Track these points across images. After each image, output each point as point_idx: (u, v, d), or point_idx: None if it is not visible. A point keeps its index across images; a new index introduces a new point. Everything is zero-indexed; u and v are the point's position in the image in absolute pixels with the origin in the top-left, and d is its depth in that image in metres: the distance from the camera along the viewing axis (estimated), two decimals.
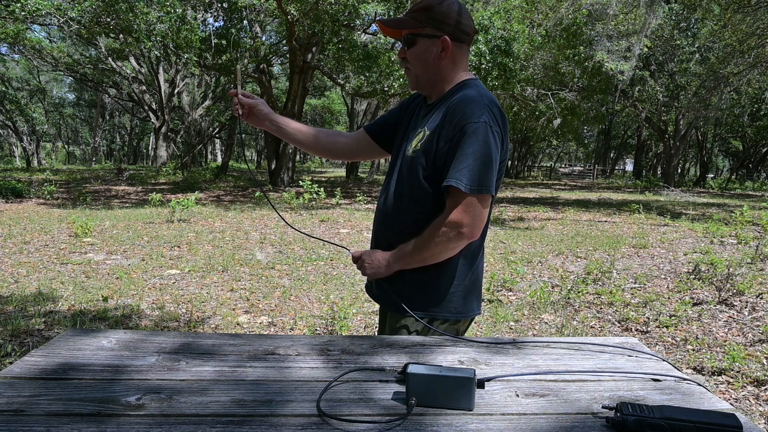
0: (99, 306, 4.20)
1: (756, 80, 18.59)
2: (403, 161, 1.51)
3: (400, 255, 1.47)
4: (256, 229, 8.40)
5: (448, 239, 1.39)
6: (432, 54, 1.45)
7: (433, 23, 1.43)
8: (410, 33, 1.45)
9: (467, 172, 1.33)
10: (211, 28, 14.75)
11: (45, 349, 1.18)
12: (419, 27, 1.44)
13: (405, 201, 1.50)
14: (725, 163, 44.72)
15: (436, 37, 1.43)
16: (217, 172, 22.33)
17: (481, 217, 1.38)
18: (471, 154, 1.33)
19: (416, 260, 1.45)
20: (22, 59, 28.42)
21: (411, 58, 1.47)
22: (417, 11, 1.44)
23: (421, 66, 1.47)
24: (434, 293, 1.48)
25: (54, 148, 42.99)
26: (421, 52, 1.45)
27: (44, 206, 10.64)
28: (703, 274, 5.31)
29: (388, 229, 1.55)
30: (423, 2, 1.45)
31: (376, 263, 1.51)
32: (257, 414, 0.92)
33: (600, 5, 17.41)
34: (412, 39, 1.45)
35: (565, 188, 22.79)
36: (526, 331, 3.94)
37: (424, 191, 1.45)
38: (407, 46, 1.47)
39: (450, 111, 1.39)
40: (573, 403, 1.00)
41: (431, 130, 1.43)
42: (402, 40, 1.49)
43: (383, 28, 1.51)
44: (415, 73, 1.49)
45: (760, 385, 2.96)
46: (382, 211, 1.57)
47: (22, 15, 10.37)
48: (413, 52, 1.46)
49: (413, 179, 1.46)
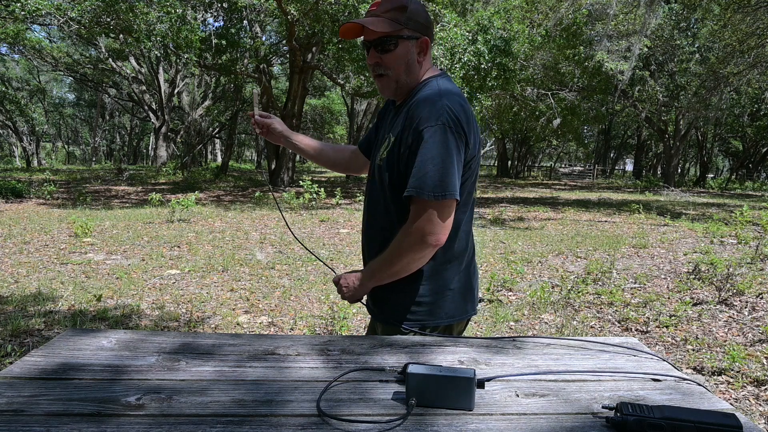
0: (99, 306, 4.20)
1: (756, 80, 18.59)
2: (374, 169, 1.48)
3: (370, 272, 1.45)
4: (256, 229, 8.40)
5: (413, 249, 1.33)
6: (413, 56, 1.38)
7: (412, 24, 1.35)
8: (390, 35, 1.34)
9: (427, 179, 1.27)
10: (211, 28, 14.75)
11: (45, 349, 1.18)
12: (399, 28, 1.34)
13: (379, 208, 1.47)
14: (725, 163, 44.73)
15: (415, 39, 1.36)
16: (217, 172, 22.33)
17: (445, 224, 1.32)
18: (429, 160, 1.27)
19: (387, 275, 1.41)
20: (22, 59, 28.43)
21: (391, 63, 1.36)
22: (393, 11, 1.33)
23: (404, 70, 1.38)
24: (424, 302, 1.43)
25: (54, 148, 42.99)
26: (403, 54, 1.36)
27: (44, 206, 10.64)
28: (703, 274, 5.31)
29: (369, 238, 1.54)
30: (393, 2, 1.35)
31: (351, 285, 1.50)
32: (257, 414, 0.92)
33: (600, 5, 17.41)
34: (394, 41, 1.34)
35: (565, 188, 22.79)
36: (526, 331, 3.94)
37: (393, 199, 1.41)
38: (384, 51, 1.35)
39: (409, 116, 1.34)
40: (573, 403, 1.00)
41: (395, 137, 1.38)
42: (376, 42, 1.36)
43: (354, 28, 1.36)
44: (396, 78, 1.39)
45: (760, 385, 2.96)
46: (364, 219, 1.57)
47: (22, 15, 10.37)
48: (394, 56, 1.36)
49: (383, 188, 1.43)
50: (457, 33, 10.89)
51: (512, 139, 34.41)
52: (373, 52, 1.37)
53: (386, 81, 1.40)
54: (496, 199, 16.10)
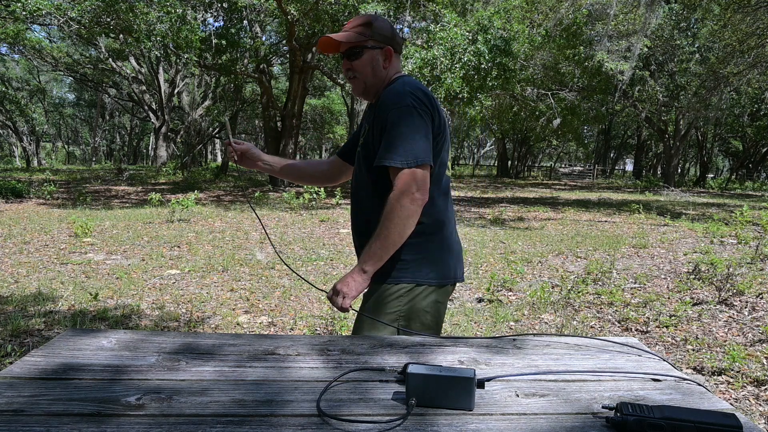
0: (99, 306, 4.20)
1: (756, 80, 18.59)
2: (357, 159, 1.70)
3: (368, 256, 1.53)
4: (256, 229, 8.40)
5: (402, 213, 1.48)
6: (379, 62, 1.63)
7: (377, 36, 1.61)
8: (357, 45, 1.60)
9: (400, 150, 1.47)
10: (211, 28, 14.75)
11: (45, 349, 1.18)
12: (365, 39, 1.60)
13: (363, 194, 1.66)
14: (725, 163, 44.73)
15: (380, 48, 1.62)
16: (217, 172, 22.33)
17: (425, 181, 1.49)
18: (399, 135, 1.48)
19: (386, 249, 1.51)
20: (22, 59, 28.42)
21: (359, 68, 1.62)
22: (360, 26, 1.61)
23: (371, 73, 1.63)
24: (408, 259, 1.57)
25: (54, 148, 42.99)
26: (369, 60, 1.62)
27: (44, 206, 10.64)
28: (703, 274, 5.31)
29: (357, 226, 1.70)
30: (362, 19, 1.63)
31: (353, 283, 1.55)
32: (257, 414, 0.92)
33: (600, 5, 17.41)
34: (359, 51, 1.60)
35: (565, 188, 22.79)
36: (526, 332, 3.94)
37: (371, 181, 1.61)
38: (353, 58, 1.61)
39: (379, 105, 1.56)
40: (573, 403, 1.00)
41: (369, 125, 1.62)
42: (346, 52, 1.63)
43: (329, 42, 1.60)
44: (363, 80, 1.63)
45: (760, 385, 2.96)
46: (352, 213, 1.74)
47: (23, 15, 10.37)
48: (362, 62, 1.61)
49: (363, 171, 1.64)
50: (457, 33, 10.89)
51: (512, 139, 34.41)
52: (346, 60, 1.64)
53: (357, 82, 1.65)
54: (496, 199, 16.10)
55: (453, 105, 12.82)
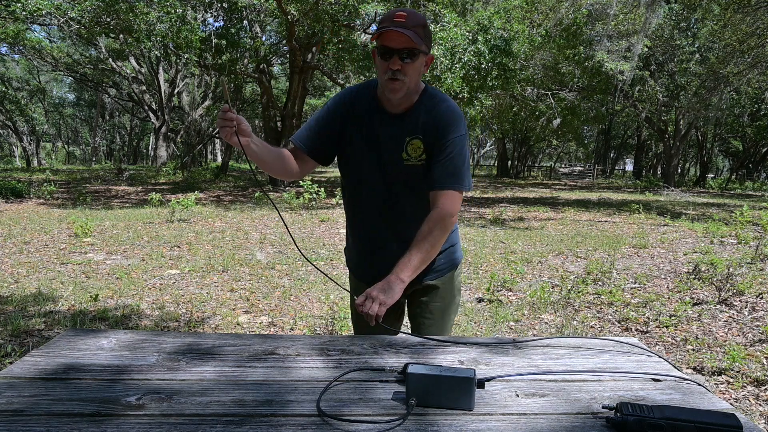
0: (99, 306, 4.20)
1: (756, 80, 18.58)
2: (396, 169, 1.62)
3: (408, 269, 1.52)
4: (256, 229, 8.40)
5: (446, 233, 1.58)
6: (421, 69, 1.56)
7: (427, 41, 1.53)
8: (416, 48, 1.49)
9: (462, 175, 1.58)
10: (211, 28, 14.75)
11: (45, 349, 1.18)
12: (421, 43, 1.49)
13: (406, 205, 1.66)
14: (725, 163, 44.72)
15: (425, 54, 1.54)
16: (217, 172, 22.33)
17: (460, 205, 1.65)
18: (463, 162, 1.58)
19: (426, 263, 1.57)
20: (22, 59, 28.41)
21: (409, 71, 1.51)
22: (418, 27, 1.49)
23: (416, 79, 1.55)
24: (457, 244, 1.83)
25: (54, 148, 42.98)
26: (419, 66, 1.53)
27: (44, 206, 10.64)
28: (703, 274, 5.31)
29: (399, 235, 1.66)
30: (419, 19, 1.50)
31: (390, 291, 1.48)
32: (257, 414, 0.92)
33: (600, 5, 17.41)
34: (417, 53, 1.50)
35: (565, 188, 22.80)
36: (526, 331, 3.94)
37: (421, 192, 1.61)
38: (408, 60, 1.50)
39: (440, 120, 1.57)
40: (573, 403, 1.00)
41: (425, 137, 1.58)
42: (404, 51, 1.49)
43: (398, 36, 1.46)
44: (408, 84, 1.53)
45: (760, 385, 2.96)
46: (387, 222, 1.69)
47: (23, 15, 10.37)
48: (414, 66, 1.51)
49: (417, 184, 1.61)
50: (457, 33, 10.89)
51: (512, 139, 34.39)
52: (397, 60, 1.49)
53: (401, 85, 1.52)
54: (496, 199, 16.10)
55: None
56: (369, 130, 1.63)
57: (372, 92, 1.65)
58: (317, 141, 1.67)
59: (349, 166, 1.71)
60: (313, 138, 1.67)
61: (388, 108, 1.61)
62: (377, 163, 1.64)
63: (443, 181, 1.56)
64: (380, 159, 1.63)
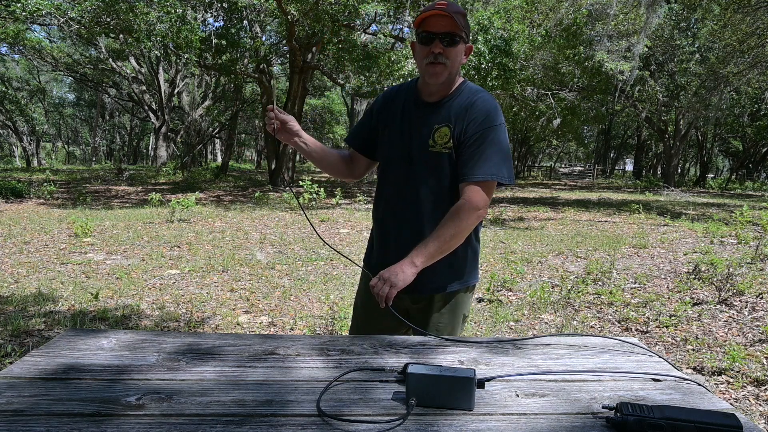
0: (99, 306, 4.20)
1: (756, 80, 18.58)
2: (421, 155, 1.62)
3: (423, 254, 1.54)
4: (256, 229, 8.40)
5: (473, 221, 1.56)
6: (462, 57, 1.59)
7: (467, 29, 1.57)
8: (458, 33, 1.53)
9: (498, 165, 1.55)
10: (211, 28, 14.74)
11: (45, 349, 1.18)
12: (462, 29, 1.53)
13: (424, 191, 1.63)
14: (725, 163, 44.71)
15: (465, 43, 1.58)
16: (217, 172, 22.33)
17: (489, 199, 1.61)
18: (500, 151, 1.56)
19: (442, 253, 1.56)
20: (22, 59, 28.41)
21: (451, 56, 1.54)
22: (459, 14, 1.53)
23: (456, 65, 1.57)
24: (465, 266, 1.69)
25: (54, 148, 42.98)
26: (459, 52, 1.56)
27: (44, 206, 10.64)
28: (703, 274, 5.31)
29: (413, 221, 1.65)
30: (458, 7, 1.54)
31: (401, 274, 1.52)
32: (257, 414, 0.92)
33: (600, 5, 17.41)
34: (458, 39, 1.53)
35: (565, 188, 22.79)
36: (526, 331, 3.94)
37: (447, 180, 1.60)
38: (451, 44, 1.53)
39: (472, 111, 1.57)
40: (573, 403, 1.00)
41: (455, 125, 1.58)
42: (445, 35, 1.52)
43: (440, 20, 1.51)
44: (450, 69, 1.56)
45: (760, 385, 2.96)
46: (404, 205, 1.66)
47: (23, 15, 10.37)
48: (455, 51, 1.54)
49: (440, 171, 1.60)
50: None
51: (512, 139, 34.37)
52: (438, 43, 1.52)
53: (442, 69, 1.54)
54: (496, 199, 16.10)
55: None
56: (403, 117, 1.67)
57: (412, 87, 1.70)
58: (364, 137, 1.76)
59: (381, 154, 1.75)
60: (360, 135, 1.77)
61: (425, 97, 1.64)
62: (405, 150, 1.65)
63: (470, 173, 1.55)
64: (409, 145, 1.65)
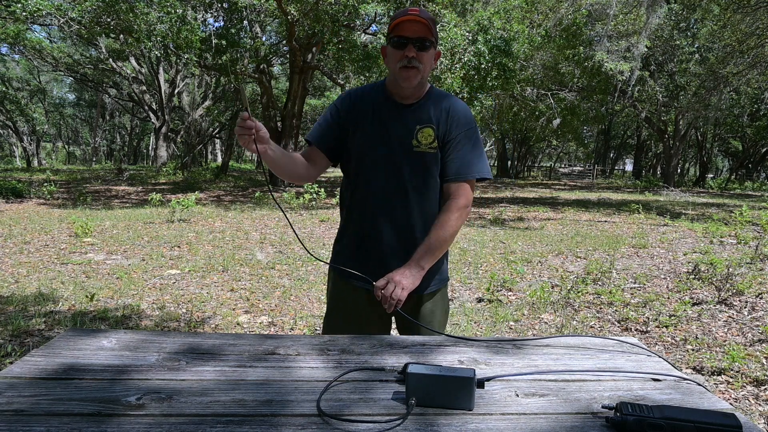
0: (99, 306, 4.20)
1: (755, 80, 18.58)
2: (405, 156, 1.63)
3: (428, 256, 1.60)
4: (256, 229, 8.40)
5: (464, 218, 1.64)
6: (432, 61, 1.65)
7: (437, 36, 1.64)
8: (429, 38, 1.58)
9: (485, 165, 1.67)
10: (211, 28, 14.74)
11: (45, 349, 1.18)
12: (434, 36, 1.60)
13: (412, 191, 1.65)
14: (725, 163, 44.72)
15: (435, 48, 1.64)
16: (217, 172, 22.33)
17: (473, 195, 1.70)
18: (481, 150, 1.68)
19: (444, 248, 1.64)
20: (22, 59, 28.41)
21: (424, 60, 1.59)
22: (430, 21, 1.58)
23: (428, 69, 1.62)
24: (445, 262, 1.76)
25: (54, 148, 42.98)
26: (430, 57, 1.61)
27: (44, 206, 10.64)
28: (703, 274, 5.31)
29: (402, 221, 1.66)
30: (428, 14, 1.59)
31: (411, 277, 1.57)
32: (257, 414, 0.92)
33: (600, 5, 17.41)
34: (430, 44, 1.59)
35: (564, 188, 22.80)
36: (526, 331, 3.94)
37: (434, 180, 1.65)
38: (423, 49, 1.58)
39: (450, 113, 1.65)
40: (573, 403, 1.00)
41: (438, 126, 1.63)
42: (419, 40, 1.57)
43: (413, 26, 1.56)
44: (422, 73, 1.60)
45: (760, 385, 2.96)
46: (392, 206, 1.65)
47: (23, 15, 10.37)
48: (427, 55, 1.59)
49: (425, 171, 1.64)
50: (457, 33, 10.89)
51: (512, 139, 34.41)
52: (412, 48, 1.57)
53: (416, 73, 1.59)
54: (495, 199, 16.10)
55: None
56: (378, 121, 1.66)
57: (378, 89, 1.71)
58: (330, 137, 1.70)
59: (354, 159, 1.69)
60: (326, 134, 1.70)
61: (398, 100, 1.66)
62: (386, 153, 1.65)
63: (458, 173, 1.63)
64: (389, 148, 1.64)
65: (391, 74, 1.63)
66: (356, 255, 1.70)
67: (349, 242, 1.74)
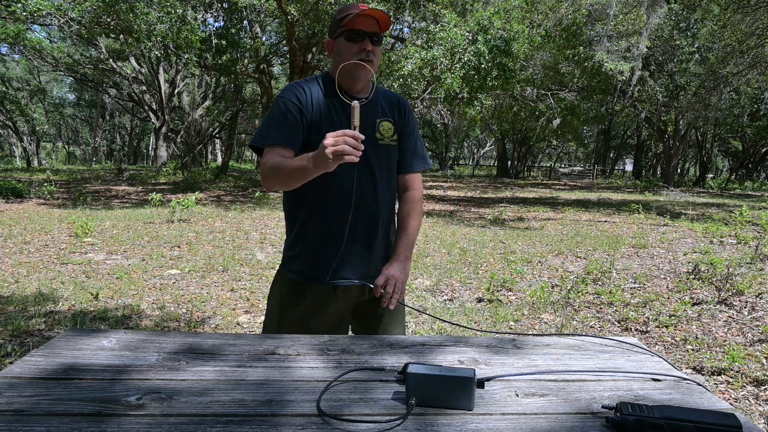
0: (99, 306, 4.20)
1: (755, 80, 18.58)
2: (372, 149, 1.61)
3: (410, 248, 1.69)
4: (256, 229, 8.40)
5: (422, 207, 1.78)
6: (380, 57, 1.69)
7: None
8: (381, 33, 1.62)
9: (426, 156, 1.79)
10: (211, 29, 14.74)
11: (45, 349, 1.18)
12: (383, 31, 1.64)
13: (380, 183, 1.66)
14: (725, 163, 44.71)
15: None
16: (217, 172, 22.32)
17: None
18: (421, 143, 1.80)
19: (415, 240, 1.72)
20: (22, 59, 28.41)
21: (377, 55, 1.63)
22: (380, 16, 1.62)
23: (378, 63, 1.65)
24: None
25: (54, 148, 42.98)
26: (380, 52, 1.65)
27: (44, 206, 10.64)
28: (703, 274, 5.31)
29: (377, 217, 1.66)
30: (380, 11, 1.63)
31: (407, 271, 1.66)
32: (258, 414, 0.92)
33: (600, 5, 17.41)
34: (381, 38, 1.63)
35: (564, 188, 22.79)
36: (525, 331, 3.94)
37: (394, 171, 1.73)
38: (378, 44, 1.62)
39: (402, 106, 1.74)
40: (573, 403, 1.00)
41: (394, 121, 1.70)
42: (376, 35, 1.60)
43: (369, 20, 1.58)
44: (375, 68, 1.63)
45: (760, 385, 2.96)
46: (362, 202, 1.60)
47: (23, 15, 10.37)
48: (379, 51, 1.63)
49: (389, 163, 1.69)
50: (457, 33, 10.89)
51: (512, 139, 34.40)
52: (368, 41, 1.58)
53: (373, 67, 1.61)
54: (495, 199, 16.10)
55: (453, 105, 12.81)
56: (331, 114, 1.59)
57: (324, 83, 1.63)
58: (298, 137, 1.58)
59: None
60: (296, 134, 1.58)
61: (353, 94, 1.65)
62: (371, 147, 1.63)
63: (416, 164, 1.75)
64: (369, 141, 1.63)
65: (343, 68, 1.57)
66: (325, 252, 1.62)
67: (312, 241, 1.64)
